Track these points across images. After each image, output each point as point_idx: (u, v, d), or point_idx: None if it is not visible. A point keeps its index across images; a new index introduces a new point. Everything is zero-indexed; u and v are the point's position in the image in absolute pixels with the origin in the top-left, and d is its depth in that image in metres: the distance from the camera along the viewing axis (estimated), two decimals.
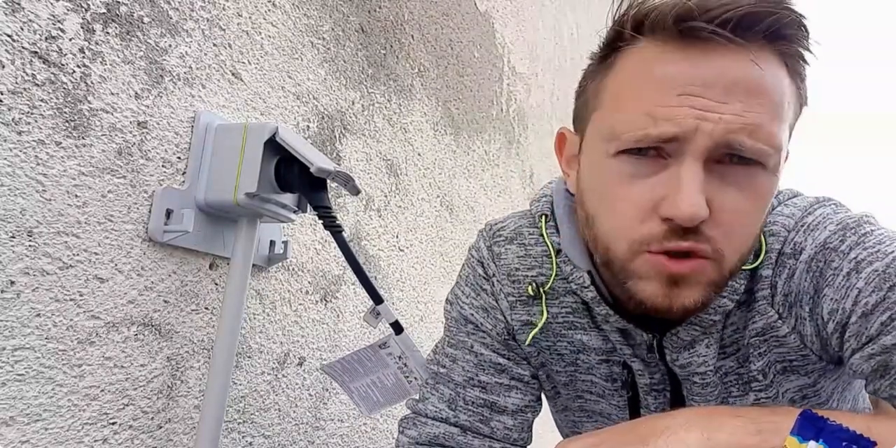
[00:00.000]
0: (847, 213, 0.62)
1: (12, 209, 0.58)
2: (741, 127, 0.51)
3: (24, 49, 0.59)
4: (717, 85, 0.52)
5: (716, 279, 0.56)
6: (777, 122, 0.53)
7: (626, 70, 0.57)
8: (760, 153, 0.53)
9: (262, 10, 0.90)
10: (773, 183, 0.56)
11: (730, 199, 0.53)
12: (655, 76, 0.54)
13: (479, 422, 0.71)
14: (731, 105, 0.51)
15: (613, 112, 0.57)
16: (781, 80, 0.54)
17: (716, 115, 0.51)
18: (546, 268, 0.70)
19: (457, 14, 1.51)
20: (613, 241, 0.57)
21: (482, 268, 0.75)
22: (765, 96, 0.53)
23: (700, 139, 0.51)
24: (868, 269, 0.56)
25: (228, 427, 0.85)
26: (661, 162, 0.54)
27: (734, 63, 0.52)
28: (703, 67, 0.52)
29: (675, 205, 0.51)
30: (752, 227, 0.56)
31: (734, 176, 0.53)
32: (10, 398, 0.59)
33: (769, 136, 0.52)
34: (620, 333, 0.66)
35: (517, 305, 0.72)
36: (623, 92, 0.56)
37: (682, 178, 0.52)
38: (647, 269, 0.55)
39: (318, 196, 0.79)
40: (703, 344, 0.63)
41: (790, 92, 0.55)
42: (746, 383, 0.64)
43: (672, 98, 0.52)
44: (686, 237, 0.53)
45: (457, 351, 0.74)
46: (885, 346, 0.54)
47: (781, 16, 0.52)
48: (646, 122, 0.53)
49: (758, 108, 0.52)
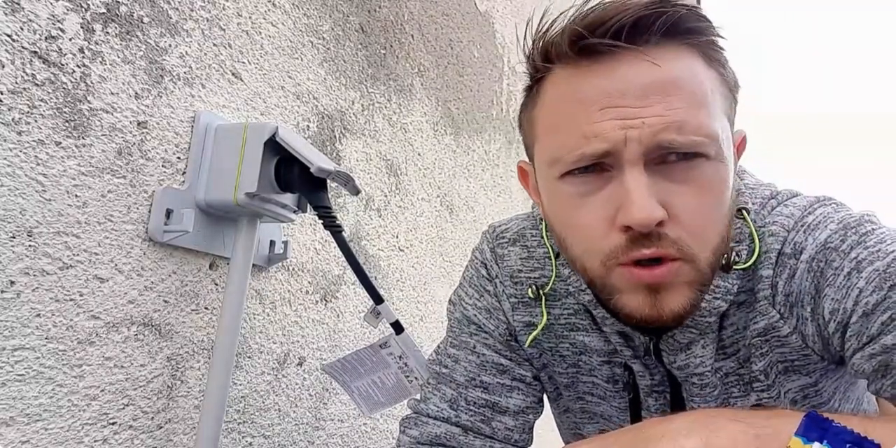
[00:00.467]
0: (848, 212, 0.61)
1: (12, 209, 0.58)
2: (665, 126, 0.52)
3: (24, 49, 0.59)
4: (632, 92, 0.53)
5: (696, 279, 0.57)
6: (703, 112, 0.54)
7: (548, 98, 0.59)
8: (694, 145, 0.53)
9: (262, 9, 0.90)
10: (723, 170, 0.56)
11: (682, 196, 0.54)
12: (574, 98, 0.55)
13: (480, 422, 0.71)
14: (650, 108, 0.53)
15: (548, 139, 0.59)
16: (696, 71, 0.55)
17: (638, 121, 0.52)
18: (548, 270, 0.71)
19: (457, 14, 1.51)
20: (587, 260, 0.59)
21: (485, 269, 0.75)
22: (681, 91, 0.53)
23: (631, 147, 0.53)
24: (869, 269, 0.55)
25: (228, 427, 0.85)
26: (605, 175, 0.55)
27: (641, 68, 0.53)
28: (614, 79, 0.54)
29: (628, 213, 0.52)
30: (715, 219, 0.57)
31: (679, 172, 0.54)
32: (10, 398, 0.59)
33: (698, 127, 0.53)
34: (620, 335, 0.66)
35: (519, 307, 0.72)
36: (551, 119, 0.58)
37: (627, 187, 0.53)
38: (623, 282, 0.56)
39: (318, 196, 0.79)
40: (699, 345, 0.63)
41: (710, 79, 0.56)
42: (748, 384, 0.64)
43: (594, 114, 0.54)
44: (649, 243, 0.54)
45: (459, 351, 0.74)
46: (886, 345, 0.54)
47: (673, 12, 0.53)
48: (578, 142, 0.54)
49: (678, 104, 0.53)
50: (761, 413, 0.51)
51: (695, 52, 0.56)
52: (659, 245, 0.54)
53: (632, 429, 0.55)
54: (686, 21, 0.54)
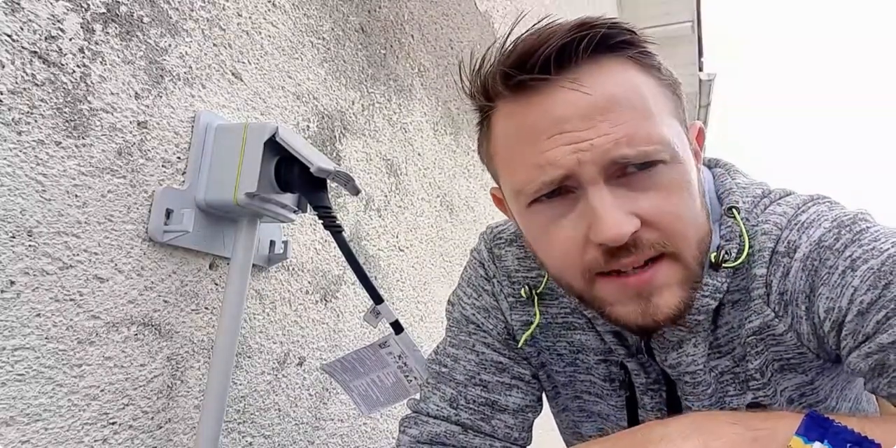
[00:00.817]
0: (842, 210, 0.61)
1: (12, 209, 0.58)
2: (615, 143, 0.53)
3: (24, 49, 0.59)
4: (575, 116, 0.54)
5: (685, 277, 0.57)
6: (648, 121, 0.55)
7: (497, 133, 0.60)
8: (647, 155, 0.54)
9: (262, 9, 0.90)
10: (682, 170, 0.57)
11: (650, 202, 0.55)
12: (522, 131, 0.57)
13: (480, 420, 0.71)
14: (595, 128, 0.53)
15: (507, 173, 0.60)
16: (632, 81, 0.56)
17: (587, 144, 0.53)
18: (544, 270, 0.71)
19: (457, 14, 1.51)
20: (569, 278, 0.59)
21: (483, 269, 0.76)
22: (622, 106, 0.54)
23: (587, 169, 0.54)
24: (863, 267, 0.55)
25: (228, 427, 0.85)
26: (571, 197, 0.56)
27: (577, 92, 0.54)
28: (555, 107, 0.55)
29: (599, 231, 0.53)
30: (687, 216, 0.57)
31: (641, 181, 0.55)
32: (10, 398, 0.59)
33: (648, 137, 0.54)
34: (614, 334, 0.67)
35: (517, 306, 0.73)
36: (505, 154, 0.60)
37: (593, 205, 0.54)
38: (610, 292, 0.57)
39: (318, 196, 0.79)
40: (690, 343, 0.63)
41: (648, 86, 0.57)
42: (744, 382, 0.64)
43: (543, 143, 0.55)
44: (627, 254, 0.55)
45: (458, 351, 0.74)
46: (882, 344, 0.53)
47: (594, 33, 0.54)
48: (534, 172, 0.56)
49: (622, 119, 0.54)
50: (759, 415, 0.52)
51: (626, 63, 0.57)
52: (637, 252, 0.55)
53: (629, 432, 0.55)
54: (610, 38, 0.55)
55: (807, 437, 0.43)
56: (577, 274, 0.58)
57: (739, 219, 0.62)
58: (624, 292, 0.56)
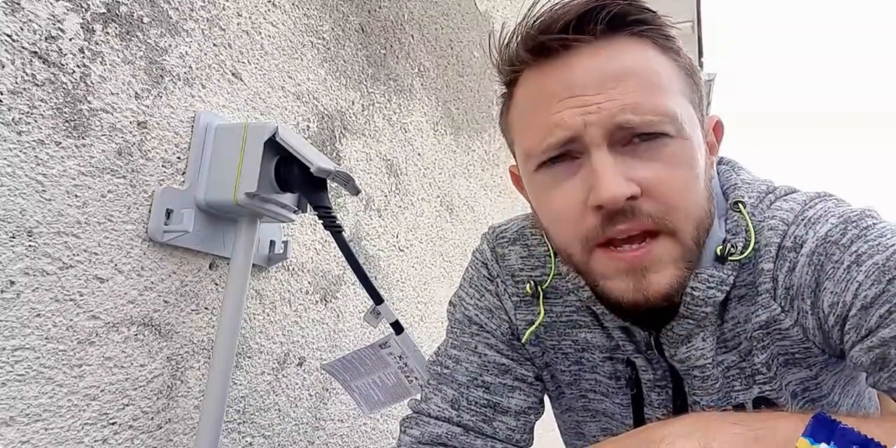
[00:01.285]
0: (849, 207, 0.62)
1: (12, 209, 0.58)
2: (621, 108, 0.55)
3: (24, 49, 0.59)
4: (588, 82, 0.56)
5: (680, 255, 0.58)
6: (658, 94, 0.56)
7: (517, 100, 0.63)
8: (651, 124, 0.55)
9: (262, 9, 0.90)
10: (688, 147, 0.58)
11: (651, 172, 0.56)
12: (537, 95, 0.59)
13: (482, 422, 0.71)
14: (605, 94, 0.55)
15: (520, 137, 0.62)
16: (648, 57, 0.58)
17: (594, 107, 0.55)
18: (548, 267, 0.71)
19: (457, 14, 1.51)
20: (568, 245, 0.60)
21: (486, 269, 0.76)
22: (634, 76, 0.56)
23: (592, 131, 0.55)
24: (868, 262, 0.56)
25: (228, 427, 0.85)
26: (576, 162, 0.58)
27: (594, 60, 0.57)
28: (569, 72, 0.57)
29: (597, 192, 0.55)
30: (689, 192, 0.58)
31: (645, 151, 0.56)
32: (10, 398, 0.59)
33: (654, 108, 0.55)
34: (622, 330, 0.67)
35: (521, 305, 0.73)
36: (520, 118, 0.62)
37: (594, 168, 0.55)
38: (605, 265, 0.58)
39: (318, 196, 0.79)
40: (699, 337, 0.63)
41: (664, 65, 0.59)
42: (750, 377, 0.64)
43: (554, 105, 0.57)
44: (623, 219, 0.56)
45: (460, 352, 0.74)
46: (884, 338, 0.54)
47: (613, 5, 0.56)
48: (543, 134, 0.57)
49: (632, 88, 0.56)
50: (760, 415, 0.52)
51: (645, 42, 0.59)
52: (633, 220, 0.56)
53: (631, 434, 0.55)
54: (629, 14, 0.57)
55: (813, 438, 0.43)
56: (577, 243, 0.59)
57: (745, 213, 0.62)
58: (618, 267, 0.57)
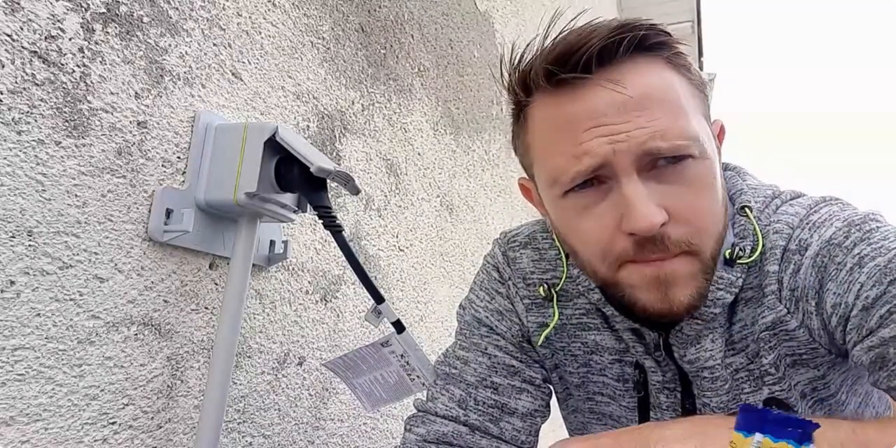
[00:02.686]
0: (854, 211, 0.63)
1: (12, 209, 0.58)
2: (650, 136, 0.56)
3: (24, 49, 0.59)
4: (612, 111, 0.56)
5: (701, 268, 0.59)
6: (682, 117, 0.58)
7: (534, 125, 0.63)
8: (679, 149, 0.56)
9: (262, 9, 0.90)
10: (709, 165, 0.59)
11: (678, 196, 0.57)
12: (560, 123, 0.59)
13: (488, 422, 0.71)
14: (631, 122, 0.56)
15: (544, 163, 0.62)
16: (668, 79, 0.59)
17: (623, 136, 0.56)
18: (559, 270, 0.72)
19: (457, 14, 1.51)
20: (596, 265, 0.61)
21: (497, 272, 0.77)
22: (658, 102, 0.57)
23: (622, 158, 0.56)
24: (870, 264, 0.57)
25: (228, 427, 0.85)
26: (603, 187, 0.58)
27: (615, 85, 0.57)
28: (594, 102, 0.57)
29: (632, 220, 0.55)
30: (710, 212, 0.59)
31: (671, 175, 0.57)
32: (10, 398, 0.59)
33: (679, 132, 0.56)
34: (632, 332, 0.67)
35: (533, 308, 0.74)
36: (542, 144, 0.62)
37: (627, 196, 0.56)
38: (633, 277, 0.59)
39: (318, 196, 0.79)
40: (708, 339, 0.64)
41: (681, 85, 0.60)
42: (759, 378, 0.65)
43: (581, 135, 0.57)
44: (654, 248, 0.57)
45: (469, 353, 0.74)
46: (884, 338, 0.55)
47: (634, 34, 0.57)
48: (570, 163, 0.58)
49: (658, 114, 0.56)
50: None
51: (661, 63, 0.59)
52: (665, 247, 0.57)
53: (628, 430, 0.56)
54: (648, 39, 0.58)
55: (746, 430, 0.43)
56: (605, 262, 0.60)
57: (752, 217, 0.64)
58: (645, 279, 0.58)
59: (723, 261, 0.62)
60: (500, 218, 1.75)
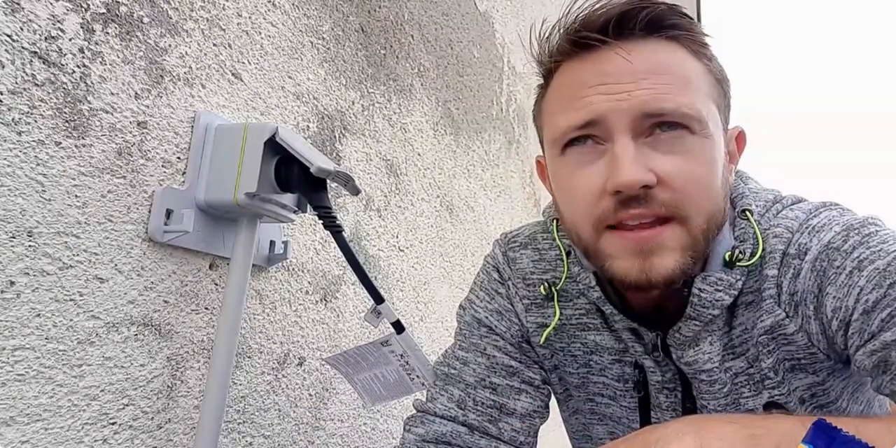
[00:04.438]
0: (853, 215, 0.63)
1: (12, 209, 0.58)
2: (653, 98, 0.57)
3: (24, 49, 0.59)
4: (623, 74, 0.58)
5: (687, 243, 0.59)
6: (688, 92, 0.59)
7: (552, 87, 0.65)
8: (678, 115, 0.57)
9: (262, 10, 0.90)
10: (708, 145, 0.59)
11: (669, 163, 0.57)
12: (572, 82, 0.61)
13: (487, 422, 0.71)
14: (637, 84, 0.58)
15: (549, 122, 0.65)
16: (682, 59, 0.60)
17: (624, 94, 0.57)
18: (559, 271, 0.72)
19: (457, 14, 1.51)
20: (579, 226, 0.62)
21: (497, 273, 0.77)
22: (667, 72, 0.58)
23: (619, 116, 0.57)
24: (870, 268, 0.56)
25: (228, 427, 0.85)
26: (599, 148, 0.60)
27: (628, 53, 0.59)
28: (603, 64, 0.59)
29: (615, 176, 0.56)
30: (704, 186, 0.59)
31: (666, 143, 0.58)
32: (10, 398, 0.59)
33: (682, 101, 0.58)
34: (631, 331, 0.67)
35: (532, 308, 0.74)
36: (553, 103, 0.65)
37: (615, 153, 0.57)
38: (613, 245, 0.59)
39: (318, 196, 0.79)
40: (706, 341, 0.64)
41: (695, 68, 0.61)
42: (759, 382, 0.65)
43: (584, 91, 0.59)
44: (636, 205, 0.57)
45: (468, 354, 0.74)
46: (886, 342, 0.54)
47: (653, 8, 0.59)
48: (571, 116, 0.60)
49: (665, 81, 0.58)
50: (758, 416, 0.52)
51: (679, 45, 0.61)
52: (646, 206, 0.57)
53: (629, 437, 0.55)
54: (667, 18, 0.60)
55: (813, 444, 0.43)
56: (589, 224, 0.60)
57: (753, 221, 0.63)
58: (626, 247, 0.58)
59: (722, 263, 0.62)
60: (500, 218, 1.75)
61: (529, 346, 0.75)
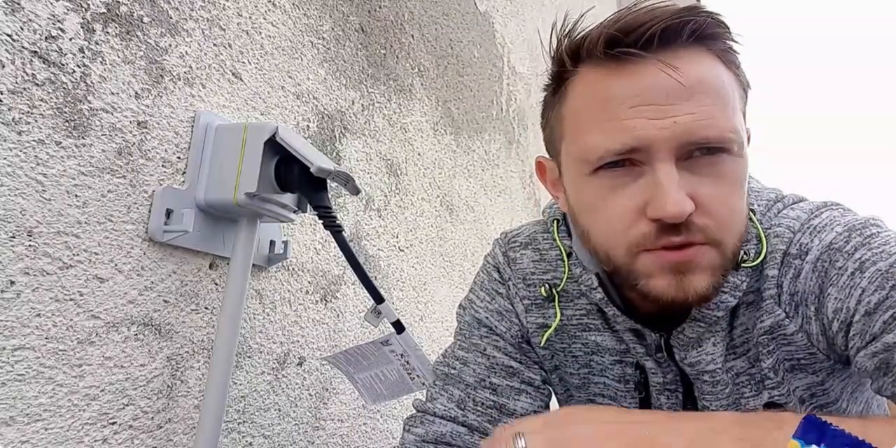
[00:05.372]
0: (854, 216, 0.63)
1: (12, 209, 0.58)
2: (696, 122, 0.55)
3: (24, 49, 0.59)
4: (662, 92, 0.55)
5: (720, 263, 0.58)
6: (727, 111, 0.57)
7: (576, 97, 0.61)
8: (723, 141, 0.56)
9: (262, 9, 0.90)
10: (741, 164, 0.58)
11: (708, 188, 0.56)
12: (605, 97, 0.57)
13: (487, 422, 0.71)
14: (678, 106, 0.55)
15: (577, 137, 0.60)
16: (719, 72, 0.58)
17: (669, 120, 0.55)
18: (560, 271, 0.72)
19: (457, 14, 1.51)
20: (611, 249, 0.60)
21: (498, 273, 0.77)
22: (709, 91, 0.56)
23: (664, 143, 0.55)
24: (872, 269, 0.56)
25: (228, 427, 0.85)
26: (636, 170, 0.57)
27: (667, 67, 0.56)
28: (644, 80, 0.56)
29: (661, 206, 0.54)
30: (736, 208, 0.59)
31: (705, 166, 0.56)
32: (10, 398, 0.59)
33: (725, 124, 0.56)
34: (633, 332, 0.67)
35: (532, 308, 0.73)
36: (580, 118, 0.60)
37: (660, 181, 0.55)
38: (650, 265, 0.58)
39: (318, 196, 0.79)
40: (709, 342, 0.64)
41: (730, 81, 0.59)
42: (759, 382, 0.64)
43: (624, 112, 0.56)
44: (677, 232, 0.56)
45: (468, 354, 0.74)
46: (888, 343, 0.54)
47: (698, 20, 0.56)
48: (607, 138, 0.56)
49: (706, 102, 0.55)
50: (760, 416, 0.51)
51: (715, 56, 0.59)
52: (687, 234, 0.56)
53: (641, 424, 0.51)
54: (709, 28, 0.57)
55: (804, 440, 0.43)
56: (623, 247, 0.58)
57: (755, 220, 0.63)
58: (662, 266, 0.57)
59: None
60: (500, 218, 1.75)
61: (530, 346, 0.74)
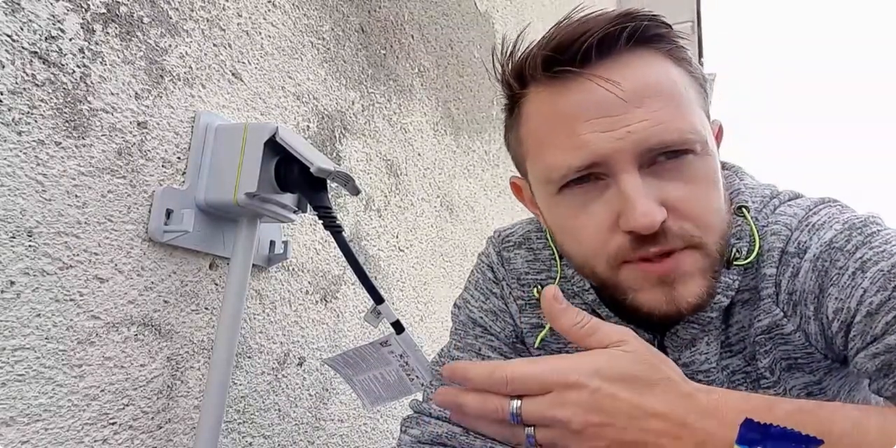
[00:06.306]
0: (853, 213, 0.62)
1: (12, 209, 0.58)
2: (652, 129, 0.54)
3: (24, 49, 0.59)
4: (610, 102, 0.54)
5: (707, 265, 0.57)
6: (682, 110, 0.56)
7: (529, 118, 0.60)
8: (683, 142, 0.55)
9: (262, 10, 0.90)
10: (709, 162, 0.58)
11: (678, 191, 0.55)
12: (556, 115, 0.57)
13: None
14: (631, 114, 0.54)
15: (538, 157, 0.60)
16: (669, 72, 0.57)
17: (623, 130, 0.54)
18: (553, 271, 0.72)
19: (457, 14, 1.52)
20: (593, 264, 0.59)
21: (492, 272, 0.76)
22: (660, 94, 0.55)
23: (622, 155, 0.54)
24: (873, 269, 0.55)
25: (228, 427, 0.85)
26: (601, 183, 0.56)
27: (613, 76, 0.55)
28: (591, 93, 0.55)
29: (631, 218, 0.53)
30: (711, 207, 0.58)
31: (671, 170, 0.56)
32: (10, 398, 0.59)
33: (682, 126, 0.55)
34: None
35: (526, 308, 0.73)
36: (537, 138, 0.60)
37: (626, 193, 0.54)
38: (635, 278, 0.57)
39: (318, 196, 0.79)
40: (703, 342, 0.63)
41: (682, 79, 0.58)
42: (755, 381, 0.64)
43: (578, 127, 0.55)
44: (654, 241, 0.55)
45: (463, 354, 0.74)
46: (890, 345, 0.54)
47: (636, 24, 0.55)
48: (567, 156, 0.56)
49: (658, 106, 0.54)
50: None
51: (662, 55, 0.58)
52: (664, 242, 0.55)
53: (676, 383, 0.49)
54: (649, 29, 0.56)
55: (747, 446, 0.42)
56: (603, 261, 0.58)
57: (749, 217, 0.62)
58: (648, 279, 0.56)
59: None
60: (500, 218, 1.75)
61: (524, 346, 0.74)
